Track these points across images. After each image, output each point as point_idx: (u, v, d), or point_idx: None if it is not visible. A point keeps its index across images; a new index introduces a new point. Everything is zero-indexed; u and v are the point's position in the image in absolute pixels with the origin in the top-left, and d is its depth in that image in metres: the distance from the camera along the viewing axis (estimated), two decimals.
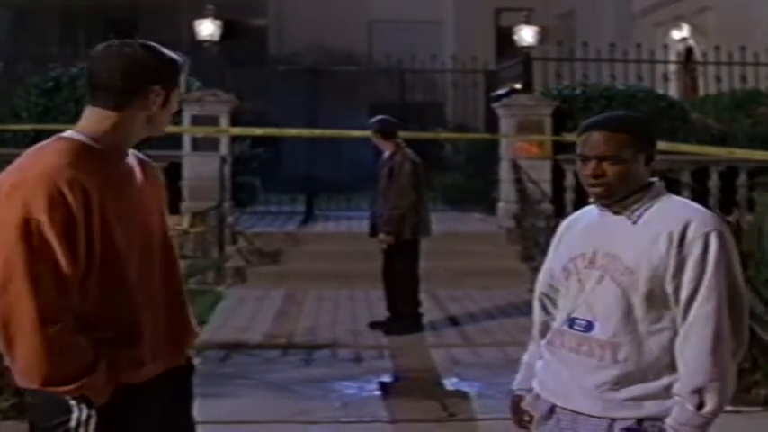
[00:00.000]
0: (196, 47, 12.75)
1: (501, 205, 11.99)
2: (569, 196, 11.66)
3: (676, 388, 2.51)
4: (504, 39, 18.94)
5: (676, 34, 19.70)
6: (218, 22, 12.36)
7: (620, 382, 2.56)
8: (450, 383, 6.66)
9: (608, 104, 12.08)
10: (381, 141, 8.24)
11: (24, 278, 2.36)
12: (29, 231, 2.36)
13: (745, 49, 12.85)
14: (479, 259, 10.93)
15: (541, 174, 11.59)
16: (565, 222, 2.90)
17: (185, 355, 2.79)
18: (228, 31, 13.06)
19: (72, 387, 2.42)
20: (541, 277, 2.87)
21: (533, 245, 11.16)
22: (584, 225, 2.76)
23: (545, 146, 11.73)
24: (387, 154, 8.21)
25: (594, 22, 21.05)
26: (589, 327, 2.61)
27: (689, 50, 19.27)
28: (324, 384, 6.45)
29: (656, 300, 2.53)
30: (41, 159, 2.43)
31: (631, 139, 2.60)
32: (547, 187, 11.56)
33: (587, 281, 2.63)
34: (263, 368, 6.93)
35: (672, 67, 15.07)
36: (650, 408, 2.54)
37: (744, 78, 12.89)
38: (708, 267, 2.49)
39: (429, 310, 8.64)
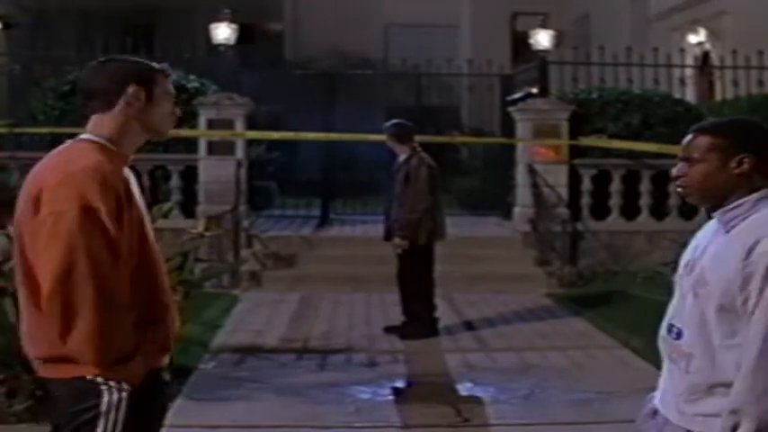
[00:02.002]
0: (212, 50, 12.79)
1: (517, 210, 11.95)
2: (585, 201, 11.63)
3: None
4: (520, 43, 18.92)
5: (693, 38, 19.61)
6: (234, 26, 12.39)
7: (691, 394, 2.53)
8: (464, 388, 6.63)
9: (624, 108, 12.05)
10: (397, 145, 8.22)
11: (87, 263, 2.57)
12: (88, 219, 2.58)
13: (762, 53, 12.77)
14: (495, 263, 10.91)
15: (558, 178, 11.55)
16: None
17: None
18: (244, 34, 13.08)
19: (117, 370, 2.60)
20: None
21: (549, 249, 11.15)
22: (701, 232, 2.70)
23: (561, 150, 11.68)
24: (402, 158, 8.19)
25: (610, 26, 21.00)
26: (679, 335, 2.58)
27: (705, 55, 19.18)
28: (338, 389, 6.44)
29: (729, 314, 2.45)
30: (81, 157, 2.66)
31: (719, 143, 2.51)
32: (563, 192, 11.52)
33: (683, 289, 2.60)
34: (278, 372, 6.92)
35: (688, 72, 15.00)
36: (720, 425, 2.43)
37: (761, 83, 12.80)
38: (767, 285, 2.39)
39: (444, 314, 8.61)
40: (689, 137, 2.59)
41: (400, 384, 6.79)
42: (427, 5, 23.09)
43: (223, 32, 12.31)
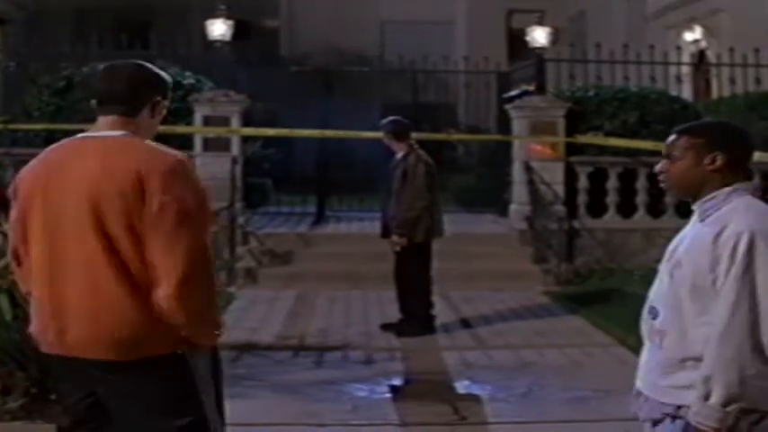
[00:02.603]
0: (208, 47, 12.75)
1: (513, 207, 11.93)
2: (582, 198, 11.61)
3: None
4: (516, 40, 18.87)
5: (689, 36, 19.60)
6: (230, 23, 12.34)
7: (665, 368, 2.76)
8: (462, 386, 6.60)
9: (621, 106, 12.03)
10: (394, 142, 8.19)
11: (209, 246, 2.87)
12: (203, 204, 2.87)
13: (759, 51, 12.76)
14: (492, 261, 10.89)
15: (554, 175, 11.53)
16: None
17: None
18: (240, 31, 13.03)
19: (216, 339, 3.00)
20: None
21: (546, 247, 11.13)
22: (687, 225, 2.94)
23: (558, 147, 11.66)
24: (399, 155, 8.16)
25: (606, 24, 20.97)
26: (655, 315, 2.85)
27: (701, 53, 19.16)
28: (334, 386, 6.41)
29: (701, 293, 2.69)
30: (159, 149, 2.90)
31: (695, 142, 2.79)
32: (559, 189, 11.49)
33: (662, 273, 2.87)
34: (274, 370, 6.89)
35: (684, 70, 14.98)
36: (689, 397, 2.67)
37: (759, 80, 12.78)
38: (734, 265, 2.63)
39: (441, 311, 8.59)
40: (671, 137, 2.87)
41: (397, 382, 6.76)
42: (423, 3, 23.04)
43: (219, 29, 12.26)
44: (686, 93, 14.64)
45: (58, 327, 2.84)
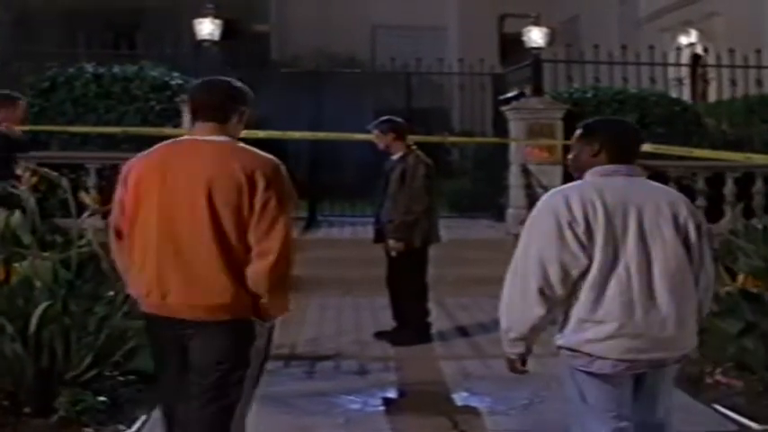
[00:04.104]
0: (197, 47, 12.44)
1: (510, 211, 11.63)
2: None
3: None
4: (509, 45, 18.62)
5: (684, 39, 19.43)
6: (218, 22, 12.04)
7: None
8: (460, 398, 6.29)
9: (620, 108, 11.78)
10: (393, 142, 7.86)
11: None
12: (293, 201, 3.72)
13: (760, 52, 12.53)
14: (488, 267, 10.47)
15: (552, 179, 11.22)
16: None
17: None
18: (229, 30, 12.73)
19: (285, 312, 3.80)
20: None
21: None
22: None
23: (555, 150, 11.38)
24: (397, 156, 7.83)
25: (598, 28, 20.76)
26: None
27: (696, 56, 18.98)
28: (326, 398, 6.10)
29: None
30: (263, 155, 3.69)
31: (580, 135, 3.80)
32: None
33: None
34: (264, 380, 6.49)
35: (682, 72, 14.75)
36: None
37: (759, 82, 12.55)
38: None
39: (437, 319, 8.28)
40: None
41: (392, 394, 6.45)
42: (414, 7, 22.78)
43: (207, 28, 11.97)
44: (683, 95, 14.37)
45: (162, 291, 3.58)
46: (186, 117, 11.23)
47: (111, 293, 5.51)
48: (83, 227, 5.58)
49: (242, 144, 3.72)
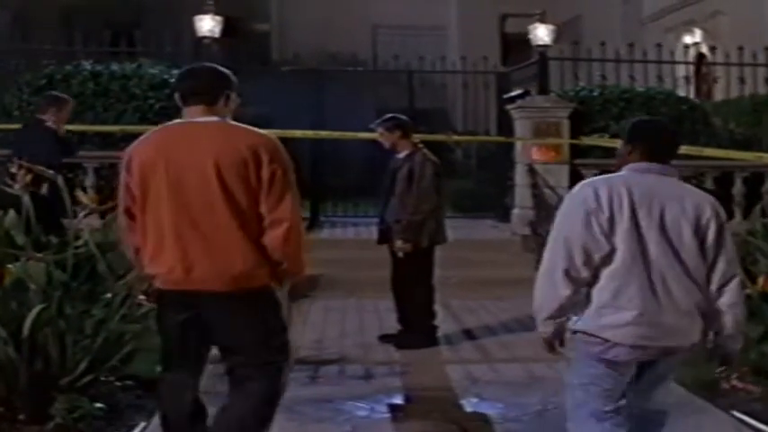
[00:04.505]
0: (197, 45, 12.24)
1: (516, 212, 11.43)
2: None
3: None
4: (510, 45, 18.43)
5: (688, 39, 19.27)
6: (219, 18, 11.84)
7: None
8: (469, 404, 6.08)
9: (627, 107, 11.60)
10: (400, 140, 7.64)
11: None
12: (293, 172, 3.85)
13: None
14: (494, 268, 10.38)
15: (559, 179, 11.04)
16: None
17: None
18: (229, 28, 12.54)
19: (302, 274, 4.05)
20: None
21: None
22: None
23: (561, 149, 11.18)
24: (403, 154, 7.61)
25: (602, 28, 20.55)
26: None
27: (700, 55, 18.81)
28: (332, 405, 5.89)
29: None
30: (260, 131, 3.87)
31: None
32: (564, 193, 10.96)
33: None
34: None
35: (689, 71, 14.58)
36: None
37: None
38: None
39: (442, 321, 8.06)
40: None
41: (399, 399, 6.22)
42: (414, 8, 22.58)
43: (207, 25, 11.77)
44: (690, 94, 14.20)
45: (185, 266, 3.73)
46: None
47: (109, 295, 5.30)
48: (79, 227, 5.37)
49: (235, 123, 3.89)
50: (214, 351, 4.08)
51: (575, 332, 3.72)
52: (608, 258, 3.59)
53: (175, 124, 3.93)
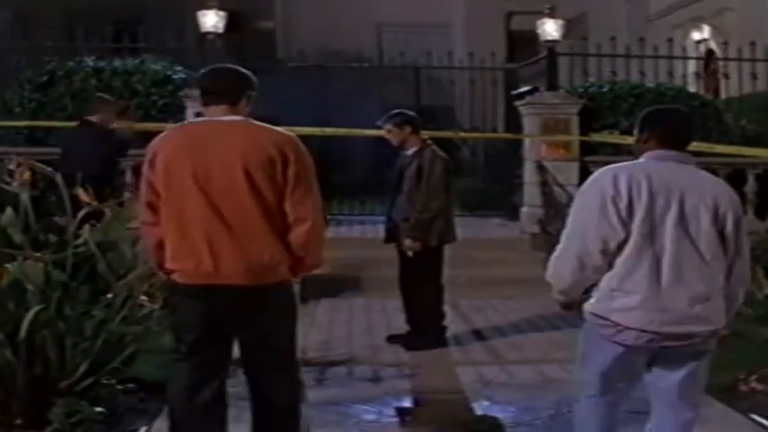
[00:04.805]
0: (201, 41, 12.06)
1: (524, 210, 11.25)
2: None
3: None
4: (516, 43, 18.26)
5: (696, 35, 19.09)
6: (222, 14, 11.65)
7: None
8: (480, 407, 5.91)
9: (637, 103, 11.41)
10: (409, 136, 7.45)
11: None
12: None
13: None
14: (502, 267, 10.19)
15: (569, 176, 10.85)
16: None
17: None
18: (233, 24, 12.36)
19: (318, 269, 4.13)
20: None
21: None
22: None
23: (571, 146, 10.99)
24: (412, 150, 7.41)
25: (607, 25, 20.38)
26: None
27: (709, 52, 18.63)
28: (339, 408, 5.72)
29: None
30: (284, 131, 3.99)
31: None
32: (574, 191, 10.78)
33: None
34: None
35: (699, 67, 14.41)
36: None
37: None
38: None
39: (451, 322, 7.88)
40: None
41: (408, 403, 6.07)
42: (420, 5, 22.40)
43: (211, 20, 11.58)
44: (700, 90, 14.03)
45: (214, 260, 3.81)
46: (190, 112, 10.89)
47: (110, 296, 5.13)
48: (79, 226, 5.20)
49: (259, 122, 4.00)
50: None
51: (588, 313, 3.77)
52: (623, 244, 3.61)
53: (200, 122, 4.08)
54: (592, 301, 3.74)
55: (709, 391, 5.91)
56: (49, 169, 5.75)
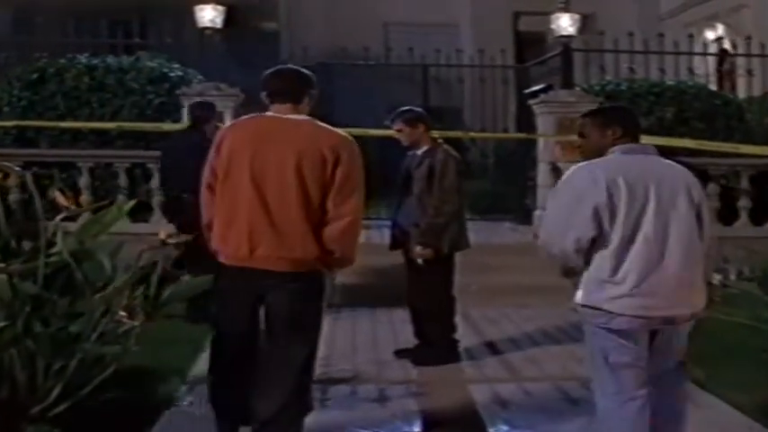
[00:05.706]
0: (200, 36, 11.55)
1: (538, 213, 10.71)
2: None
3: None
4: (523, 43, 17.78)
5: (710, 34, 18.63)
6: (221, 8, 11.12)
7: None
8: (497, 431, 5.39)
9: (656, 101, 10.90)
10: (422, 134, 6.90)
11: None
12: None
13: None
14: (516, 274, 9.62)
15: None
16: None
17: None
18: (236, 20, 11.85)
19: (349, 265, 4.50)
20: None
21: None
22: None
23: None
24: (422, 150, 6.86)
25: (617, 25, 19.90)
26: None
27: (723, 51, 18.17)
28: None
29: None
30: (342, 132, 4.31)
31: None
32: None
33: None
34: None
35: (710, 66, 13.92)
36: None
37: None
38: None
39: (463, 334, 7.35)
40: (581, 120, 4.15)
41: (417, 426, 5.53)
42: (426, 5, 22.00)
43: (209, 14, 11.05)
44: (716, 88, 13.55)
45: (252, 245, 4.13)
46: (186, 111, 10.39)
47: (86, 311, 4.59)
48: (52, 231, 4.66)
49: (320, 122, 4.29)
50: None
51: (581, 306, 3.94)
52: (605, 239, 3.78)
53: (269, 117, 4.33)
54: (581, 293, 3.93)
55: (749, 413, 5.42)
56: (17, 168, 5.23)
